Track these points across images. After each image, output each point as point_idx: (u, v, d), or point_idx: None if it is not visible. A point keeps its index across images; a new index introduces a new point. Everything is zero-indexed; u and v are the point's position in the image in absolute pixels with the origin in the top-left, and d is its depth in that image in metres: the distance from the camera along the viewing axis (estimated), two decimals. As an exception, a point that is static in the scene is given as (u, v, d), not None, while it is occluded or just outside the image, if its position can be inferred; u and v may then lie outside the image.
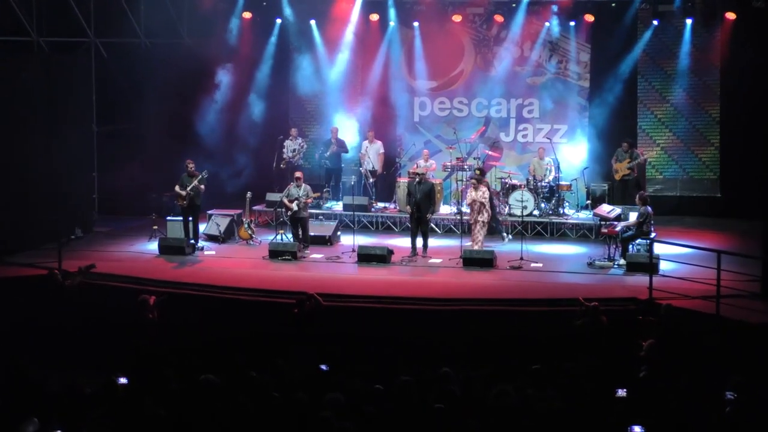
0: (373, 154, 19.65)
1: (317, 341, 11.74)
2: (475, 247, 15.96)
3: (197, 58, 19.59)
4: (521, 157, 20.39)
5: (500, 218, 17.54)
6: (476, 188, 16.22)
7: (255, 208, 19.09)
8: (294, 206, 16.68)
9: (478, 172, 16.40)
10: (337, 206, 19.60)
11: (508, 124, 20.51)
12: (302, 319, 12.37)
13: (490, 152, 20.00)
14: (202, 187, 16.98)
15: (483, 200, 16.07)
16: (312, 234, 17.23)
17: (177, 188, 17.05)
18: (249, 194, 17.86)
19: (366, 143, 19.90)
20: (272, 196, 18.94)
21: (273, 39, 20.73)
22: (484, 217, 16.14)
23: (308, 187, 16.88)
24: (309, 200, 16.90)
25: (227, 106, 20.08)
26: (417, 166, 18.65)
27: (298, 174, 17.08)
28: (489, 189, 16.36)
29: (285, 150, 19.69)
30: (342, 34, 20.47)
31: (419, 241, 16.56)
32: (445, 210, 19.26)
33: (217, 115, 19.87)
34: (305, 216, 16.90)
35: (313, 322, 12.37)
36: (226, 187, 19.44)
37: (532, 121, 20.34)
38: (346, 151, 20.05)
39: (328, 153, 19.83)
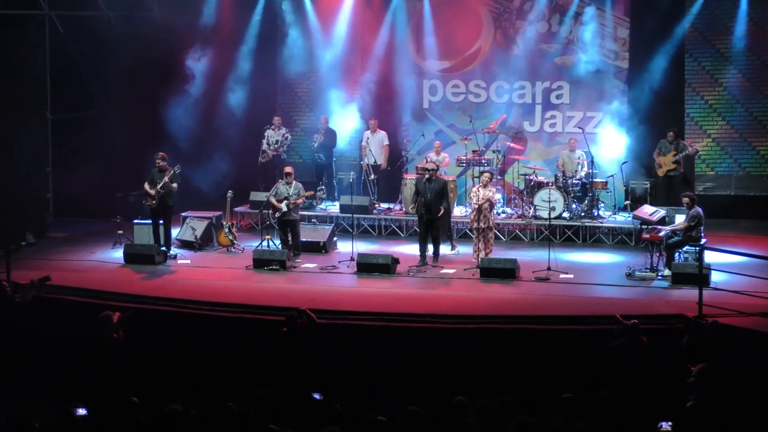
0: (375, 146, 19.86)
1: (310, 365, 11.72)
2: (481, 255, 16.21)
3: (169, 35, 19.72)
4: (548, 149, 20.49)
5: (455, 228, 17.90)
6: (485, 186, 16.40)
7: (237, 209, 19.20)
8: (283, 207, 16.71)
9: (487, 175, 16.63)
10: (333, 207, 19.70)
11: (533, 111, 20.58)
12: (292, 339, 12.41)
13: (512, 144, 20.05)
14: (175, 185, 17.06)
15: (493, 200, 16.36)
16: (303, 240, 17.29)
17: (146, 186, 17.12)
18: (230, 193, 17.95)
19: (368, 134, 20.00)
20: (257, 196, 19.00)
21: (258, 13, 21.01)
22: (489, 218, 16.31)
23: (300, 185, 16.94)
24: (300, 200, 16.94)
25: (204, 92, 20.27)
26: (427, 161, 18.73)
27: (287, 169, 17.15)
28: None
29: (265, 141, 19.82)
30: (339, 7, 20.67)
31: (429, 249, 16.65)
32: (460, 211, 19.30)
33: (192, 101, 20.04)
34: (296, 218, 16.93)
35: (305, 343, 12.41)
36: (202, 186, 19.58)
37: (562, 107, 20.43)
38: (334, 144, 20.22)
39: (315, 144, 20.00)
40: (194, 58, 20.13)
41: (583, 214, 18.63)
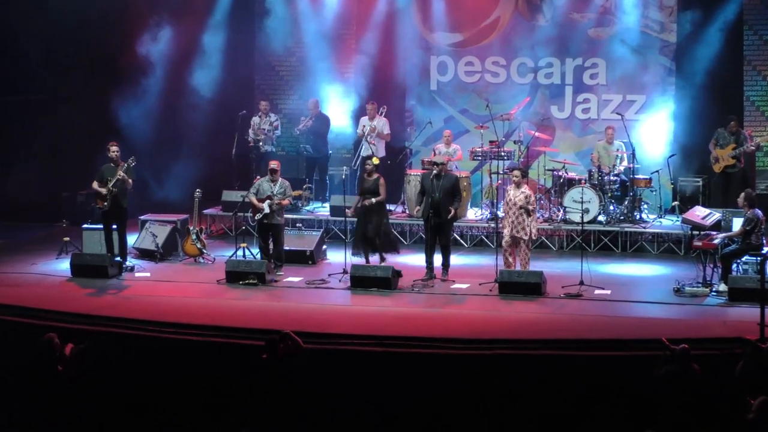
0: (374, 136, 19.77)
1: (295, 399, 11.69)
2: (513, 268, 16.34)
3: (123, 4, 19.95)
4: (581, 140, 20.60)
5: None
6: (518, 185, 16.35)
7: (206, 211, 19.39)
8: (264, 207, 16.76)
9: (517, 173, 16.51)
10: (323, 210, 19.83)
11: (562, 93, 20.68)
12: (274, 368, 12.26)
13: (537, 133, 20.04)
14: (131, 181, 17.13)
15: (525, 204, 16.17)
16: (287, 248, 17.32)
17: (95, 185, 17.16)
18: (198, 193, 18.03)
19: (365, 120, 19.95)
20: (230, 195, 19.17)
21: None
22: (526, 228, 16.17)
23: (287, 183, 17.06)
24: (286, 201, 17.07)
25: (167, 73, 20.38)
26: (435, 153, 18.91)
27: (273, 164, 17.21)
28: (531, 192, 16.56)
29: (252, 130, 19.83)
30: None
31: (437, 259, 16.68)
32: (475, 214, 19.37)
33: (152, 84, 20.19)
34: (279, 222, 17.04)
35: (290, 372, 12.24)
36: (165, 183, 19.84)
37: (596, 89, 20.53)
38: (325, 133, 20.27)
39: (298, 128, 19.99)
40: (154, 31, 20.22)
41: (622, 217, 18.72)
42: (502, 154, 19.33)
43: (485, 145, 19.51)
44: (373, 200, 16.63)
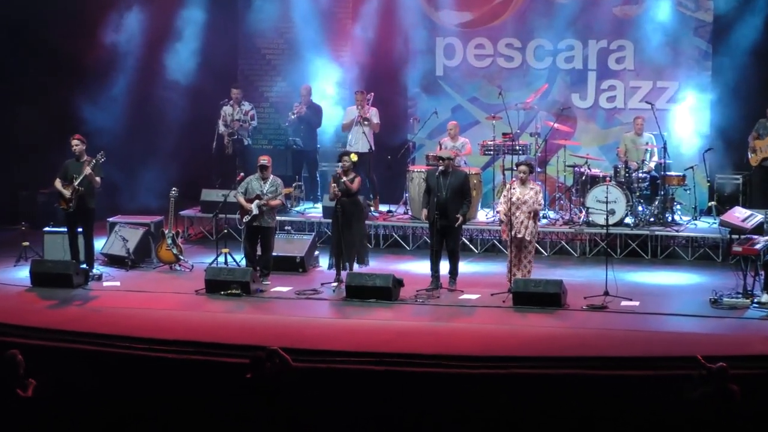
0: (365, 128, 19.80)
1: (284, 424, 11.58)
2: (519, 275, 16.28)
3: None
4: (606, 132, 20.71)
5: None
6: (523, 182, 16.41)
7: (183, 213, 19.50)
8: (252, 208, 16.81)
9: (524, 168, 16.52)
10: (314, 211, 20.01)
11: (584, 80, 20.78)
12: (260, 389, 12.02)
13: (556, 125, 20.09)
14: (99, 179, 17.19)
15: (535, 205, 16.28)
16: (274, 254, 17.40)
17: (58, 183, 17.21)
18: (174, 192, 17.97)
19: (352, 111, 19.92)
20: (210, 195, 19.30)
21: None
22: (529, 229, 16.24)
23: (278, 182, 17.19)
24: (277, 201, 17.16)
25: (138, 57, 20.53)
26: (441, 148, 18.94)
27: (263, 160, 17.30)
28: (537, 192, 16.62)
29: (222, 120, 19.95)
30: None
31: (444, 266, 16.74)
32: (485, 216, 19.51)
33: (121, 71, 20.34)
34: (270, 225, 17.17)
35: (278, 393, 11.99)
36: (137, 182, 19.96)
37: (623, 75, 20.59)
38: (318, 125, 20.34)
39: (288, 120, 20.00)
40: (118, 18, 20.34)
41: (652, 219, 18.80)
42: (517, 148, 19.42)
43: (498, 138, 19.59)
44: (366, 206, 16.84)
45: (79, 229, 17.21)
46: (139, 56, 20.50)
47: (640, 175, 18.85)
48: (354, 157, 17.10)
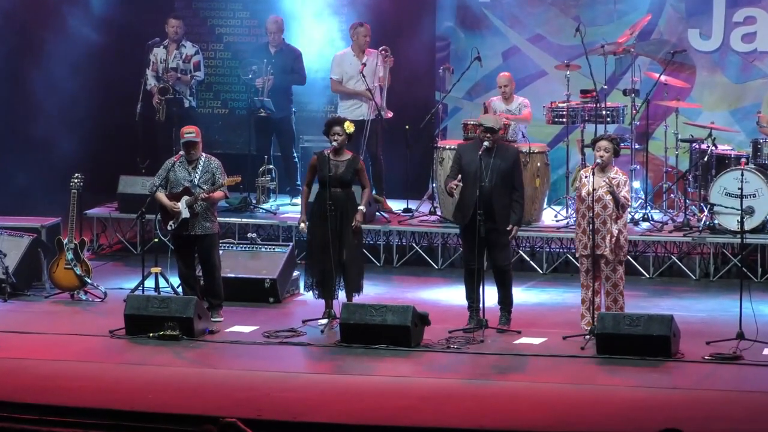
0: (368, 83, 18.05)
1: None
2: (613, 308, 14.78)
3: None
4: (741, 88, 18.84)
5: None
6: (603, 168, 14.99)
7: (90, 212, 18.32)
8: (181, 208, 15.18)
9: (606, 145, 14.83)
10: (291, 208, 18.54)
11: (708, 9, 18.81)
12: None
13: (664, 77, 18.06)
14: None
15: (614, 190, 14.79)
16: (230, 276, 16.05)
17: None
18: (76, 180, 16.51)
19: (347, 56, 18.34)
20: (132, 184, 18.10)
21: None
22: (613, 232, 14.61)
23: (214, 164, 15.51)
24: (218, 194, 15.48)
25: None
26: (487, 110, 17.31)
27: (188, 134, 15.44)
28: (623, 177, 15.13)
29: (151, 69, 18.60)
30: None
31: (490, 295, 15.18)
32: (553, 217, 18.06)
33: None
34: (209, 233, 15.42)
35: None
36: (19, 166, 19.26)
37: (766, 3, 18.83)
38: (302, 79, 18.91)
39: (250, 72, 18.51)
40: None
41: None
42: (604, 112, 17.58)
43: (573, 99, 17.80)
44: (363, 210, 15.04)
45: None
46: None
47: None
48: (350, 126, 15.42)
